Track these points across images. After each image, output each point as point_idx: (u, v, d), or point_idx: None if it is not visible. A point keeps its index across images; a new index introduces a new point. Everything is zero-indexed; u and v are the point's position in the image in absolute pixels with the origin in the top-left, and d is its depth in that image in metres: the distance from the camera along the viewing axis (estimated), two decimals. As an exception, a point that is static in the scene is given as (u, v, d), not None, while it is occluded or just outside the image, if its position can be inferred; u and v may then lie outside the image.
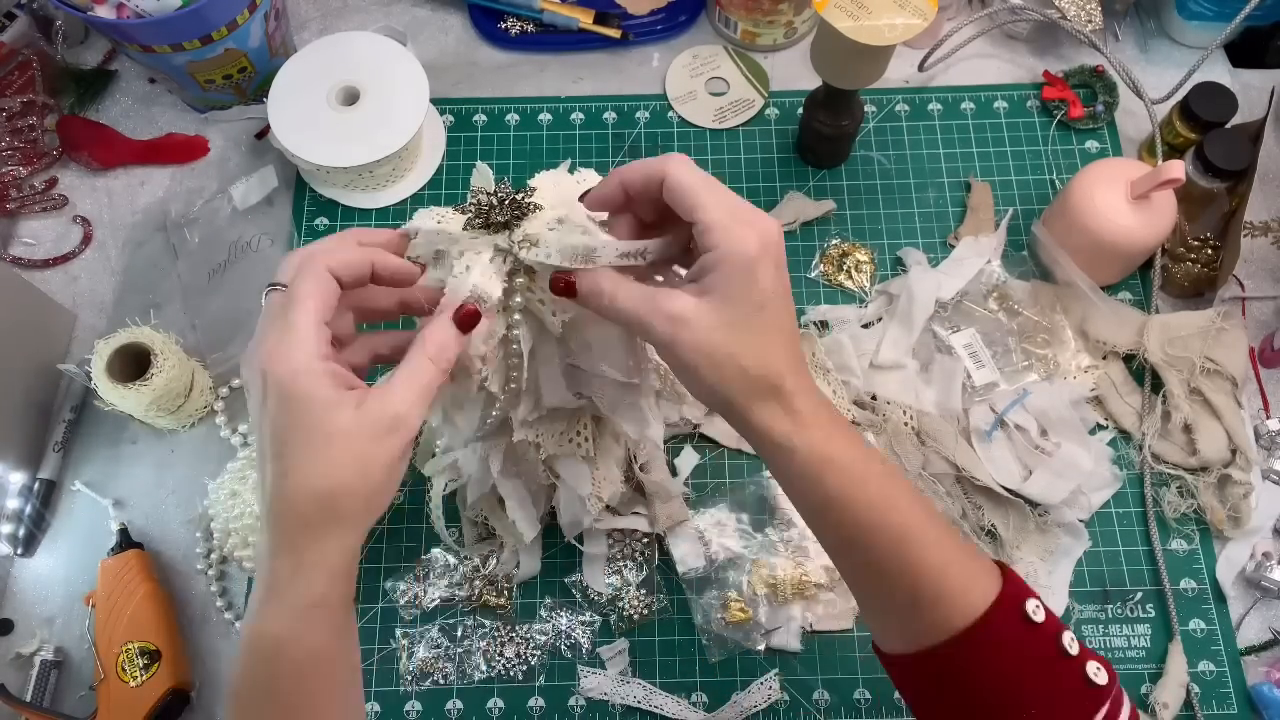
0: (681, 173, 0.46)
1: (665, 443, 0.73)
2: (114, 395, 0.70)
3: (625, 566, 0.73)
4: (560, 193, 0.52)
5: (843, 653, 0.71)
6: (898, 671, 0.50)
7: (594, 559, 0.72)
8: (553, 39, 0.92)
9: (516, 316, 0.49)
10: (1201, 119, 0.79)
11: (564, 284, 0.47)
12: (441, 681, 0.70)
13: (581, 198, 0.49)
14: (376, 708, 0.70)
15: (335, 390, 0.43)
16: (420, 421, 0.45)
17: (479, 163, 0.53)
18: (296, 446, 0.43)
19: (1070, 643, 0.47)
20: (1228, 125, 0.79)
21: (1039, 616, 0.46)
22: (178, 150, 0.88)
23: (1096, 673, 0.47)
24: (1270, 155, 0.85)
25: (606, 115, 0.89)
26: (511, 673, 0.70)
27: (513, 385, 0.52)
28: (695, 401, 0.73)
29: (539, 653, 0.71)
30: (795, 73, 0.91)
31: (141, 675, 0.67)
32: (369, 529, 0.45)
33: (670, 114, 0.89)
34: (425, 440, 0.67)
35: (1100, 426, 0.77)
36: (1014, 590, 0.47)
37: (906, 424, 0.75)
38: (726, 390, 0.46)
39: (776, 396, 0.46)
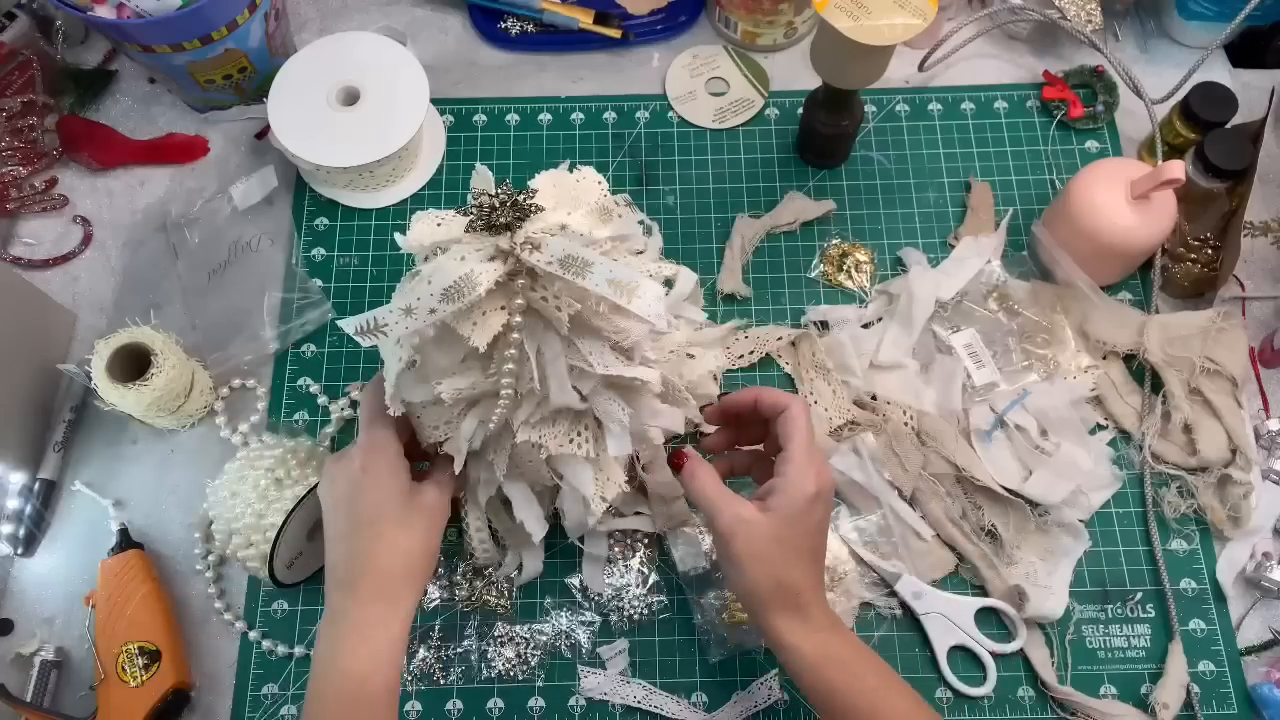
0: (800, 410, 0.60)
1: (666, 442, 0.73)
2: (114, 395, 0.70)
3: (626, 567, 0.73)
4: (559, 194, 0.52)
5: (843, 653, 0.71)
6: None
7: (594, 559, 0.72)
8: (553, 39, 0.92)
9: (518, 319, 0.49)
10: (1201, 119, 0.79)
11: (677, 463, 0.64)
12: (441, 681, 0.70)
13: (705, 408, 0.68)
14: (377, 708, 0.70)
15: (411, 482, 0.60)
16: (446, 504, 0.62)
17: (478, 164, 0.53)
18: (392, 523, 0.58)
19: None
20: (1228, 125, 0.79)
21: None
22: (178, 150, 0.88)
23: None
24: (1270, 155, 0.85)
25: (606, 115, 0.89)
26: (511, 673, 0.70)
27: (507, 385, 0.52)
28: (698, 403, 0.74)
29: (539, 653, 0.71)
30: (795, 73, 0.91)
31: (141, 675, 0.67)
32: (423, 590, 0.60)
33: (670, 114, 0.89)
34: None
35: (1100, 426, 0.77)
36: None
37: (906, 424, 0.75)
38: (759, 588, 0.58)
39: (795, 605, 0.58)
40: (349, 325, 0.49)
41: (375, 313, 0.49)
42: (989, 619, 0.71)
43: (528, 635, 0.71)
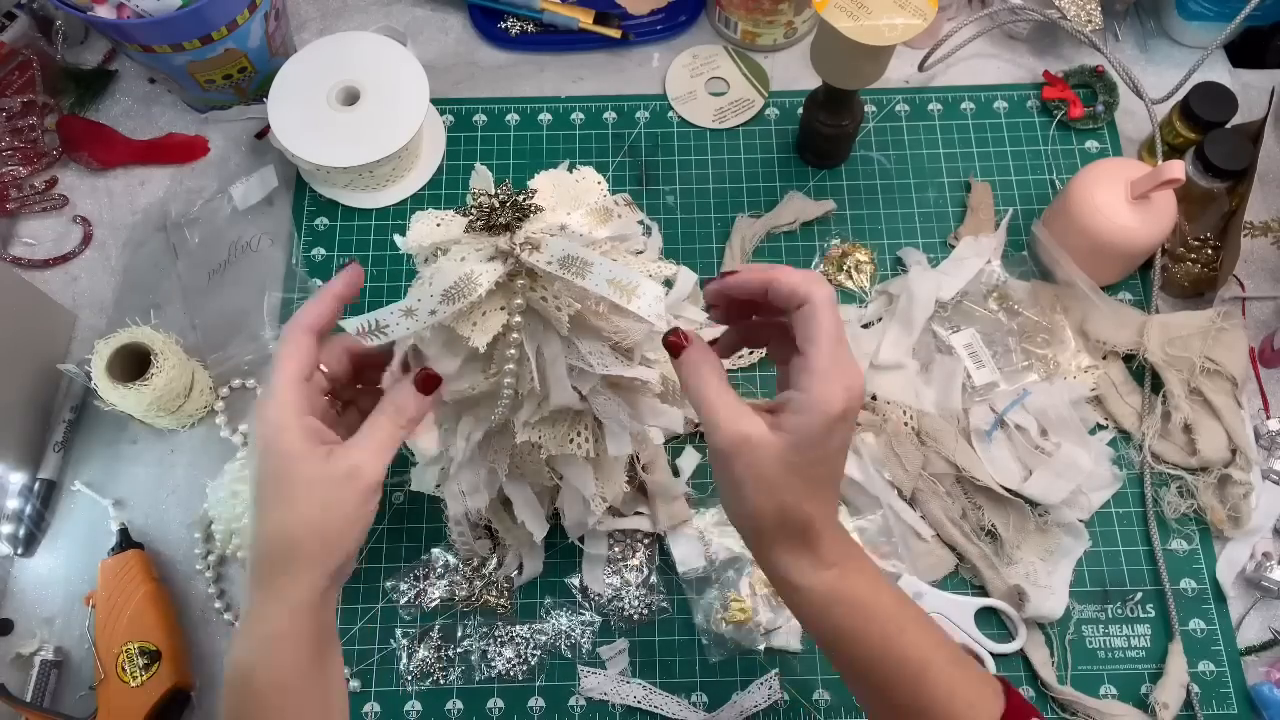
0: (824, 305, 0.48)
1: (666, 443, 0.73)
2: (114, 395, 0.70)
3: (626, 567, 0.73)
4: (559, 194, 0.52)
5: (843, 653, 0.71)
6: None
7: (594, 559, 0.72)
8: (553, 39, 0.92)
9: (518, 319, 0.49)
10: (1201, 119, 0.79)
11: (674, 343, 0.50)
12: (441, 681, 0.70)
13: (708, 282, 0.53)
14: (376, 708, 0.70)
15: (307, 444, 0.48)
16: (380, 472, 0.49)
17: (478, 164, 0.53)
18: (270, 492, 0.48)
19: None
20: (1228, 125, 0.79)
21: None
22: (178, 150, 0.88)
23: None
24: (1270, 155, 0.85)
25: (606, 115, 0.89)
26: (511, 673, 0.70)
27: (508, 385, 0.52)
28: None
29: (539, 653, 0.71)
30: (795, 73, 0.91)
31: (141, 675, 0.67)
32: (334, 569, 0.48)
33: (670, 114, 0.89)
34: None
35: (1100, 426, 0.77)
36: (1017, 710, 0.49)
37: (906, 424, 0.75)
38: (762, 519, 0.48)
39: (803, 539, 0.48)
40: (350, 325, 0.49)
41: (377, 313, 0.49)
42: (989, 619, 0.71)
43: (528, 635, 0.71)
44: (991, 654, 0.70)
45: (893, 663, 0.49)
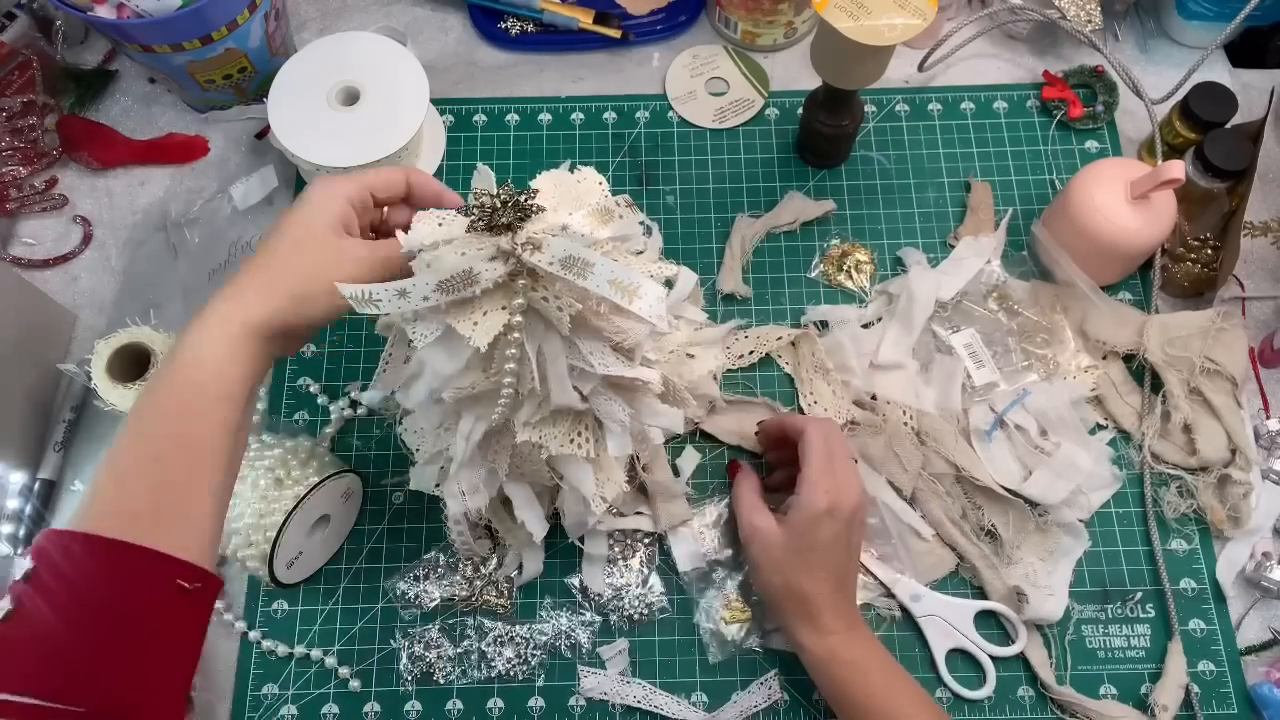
0: (813, 437, 0.65)
1: (666, 443, 0.73)
2: (114, 395, 0.70)
3: (626, 567, 0.73)
4: (560, 194, 0.52)
5: (843, 653, 0.71)
6: None
7: (594, 559, 0.72)
8: (553, 39, 0.92)
9: (518, 318, 0.49)
10: (1201, 119, 0.79)
11: (735, 469, 0.72)
12: (441, 681, 0.70)
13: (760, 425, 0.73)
14: (376, 708, 0.70)
15: (340, 223, 0.56)
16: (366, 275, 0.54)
17: (480, 164, 0.53)
18: (285, 236, 0.55)
19: None
20: (1228, 125, 0.79)
21: None
22: (178, 150, 0.88)
23: None
24: (1270, 155, 0.85)
25: (606, 115, 0.89)
26: (511, 673, 0.70)
27: (508, 385, 0.52)
28: (698, 403, 0.74)
29: (539, 653, 0.71)
30: (795, 73, 0.91)
31: (142, 675, 0.67)
32: (294, 318, 0.54)
33: (670, 114, 0.89)
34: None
35: (1100, 426, 0.77)
36: None
37: (906, 424, 0.75)
38: (772, 592, 0.64)
39: (806, 611, 0.62)
40: (345, 290, 0.50)
41: (372, 286, 0.49)
42: (989, 620, 0.71)
43: (528, 635, 0.71)
44: (991, 656, 0.70)
45: (881, 713, 0.60)
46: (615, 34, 0.90)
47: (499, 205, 0.48)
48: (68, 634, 0.45)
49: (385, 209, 0.61)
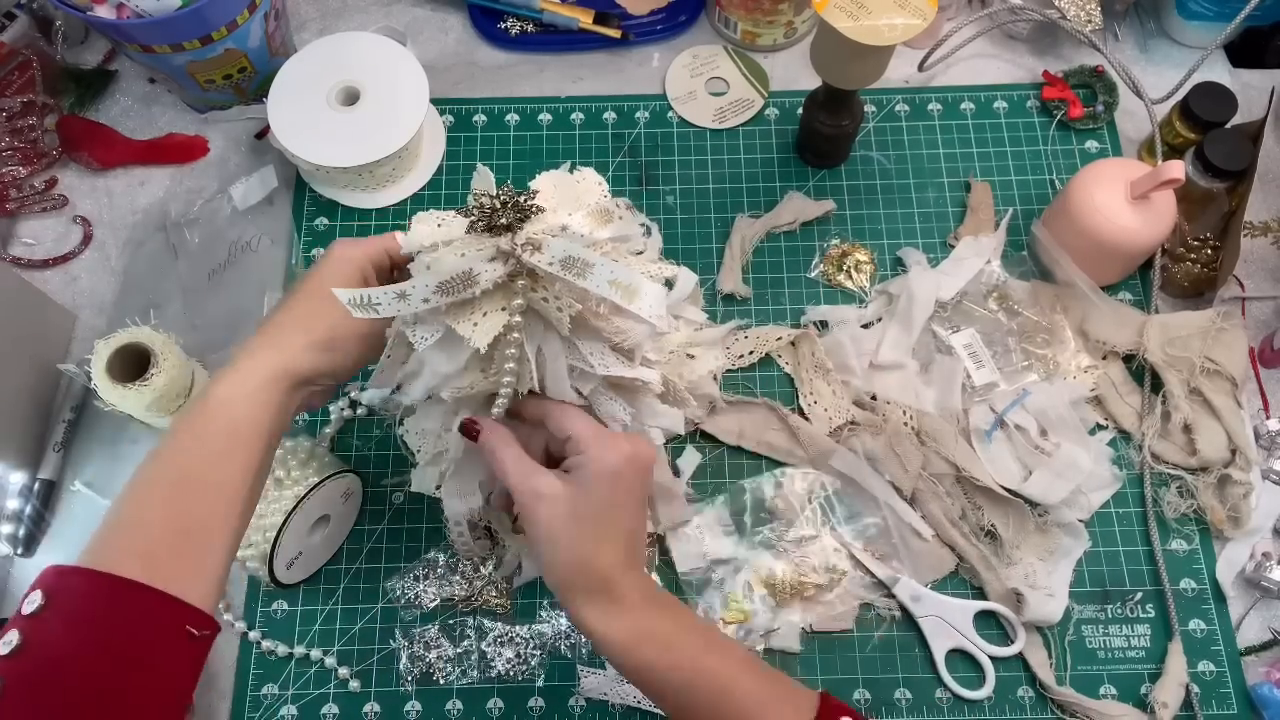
0: (557, 410, 0.54)
1: (666, 443, 0.73)
2: (114, 395, 0.70)
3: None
4: (560, 195, 0.52)
5: (843, 653, 0.71)
6: None
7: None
8: (553, 39, 0.92)
9: (518, 319, 0.49)
10: (1201, 119, 0.79)
11: (469, 429, 0.55)
12: (441, 681, 0.70)
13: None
14: (376, 708, 0.70)
15: (360, 280, 0.57)
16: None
17: (479, 165, 0.53)
18: (313, 289, 0.56)
19: None
20: (1228, 125, 0.79)
21: None
22: (178, 150, 0.88)
23: None
24: (1270, 155, 0.85)
25: (606, 115, 0.89)
26: (511, 673, 0.70)
27: (508, 383, 0.52)
28: (698, 403, 0.74)
29: (539, 653, 0.71)
30: (795, 73, 0.91)
31: (142, 675, 0.67)
32: (327, 368, 0.56)
33: (670, 114, 0.89)
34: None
35: (1100, 426, 0.77)
36: (829, 712, 0.51)
37: (906, 424, 0.75)
38: (563, 573, 0.52)
39: (603, 589, 0.52)
40: (342, 295, 0.50)
41: (371, 290, 0.49)
42: (989, 620, 0.71)
43: (528, 635, 0.71)
44: (990, 657, 0.70)
45: (699, 687, 0.51)
46: (615, 34, 0.90)
47: (498, 206, 0.48)
48: (76, 673, 0.45)
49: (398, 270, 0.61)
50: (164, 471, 0.51)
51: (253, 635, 0.71)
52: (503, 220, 0.48)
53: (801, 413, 0.77)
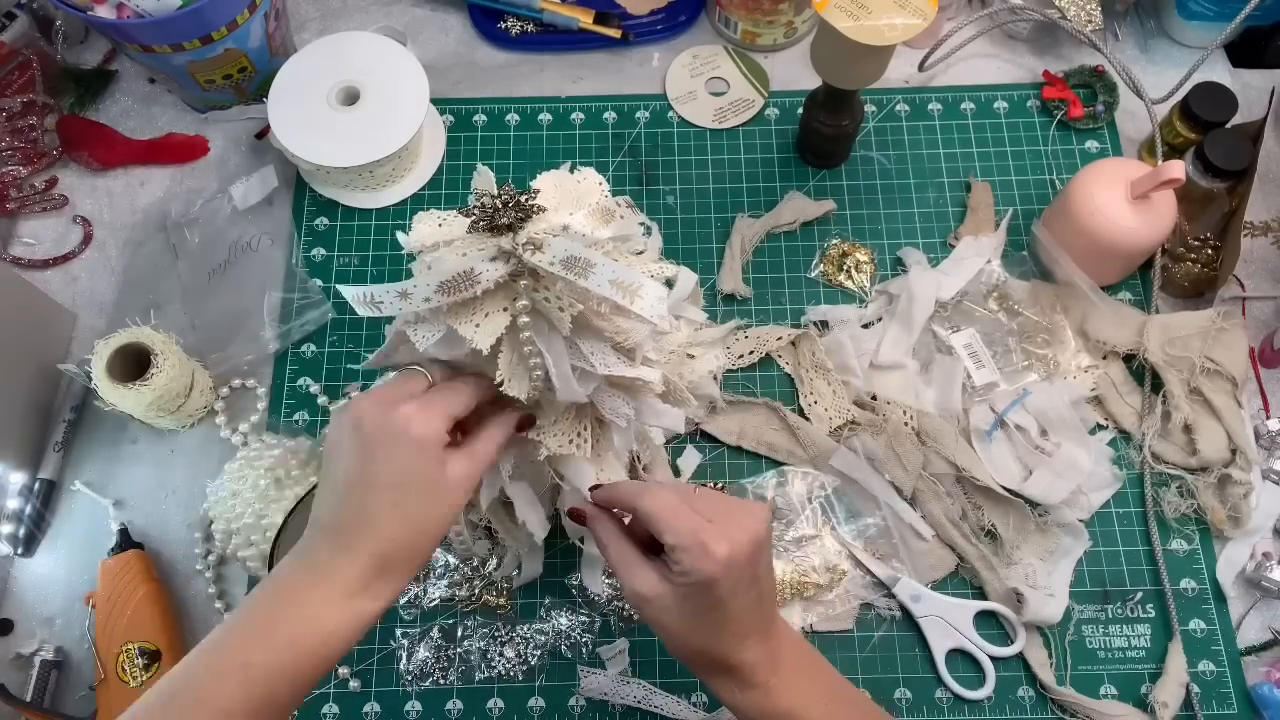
0: (649, 505, 0.51)
1: (667, 443, 0.73)
2: (114, 395, 0.70)
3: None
4: (560, 195, 0.52)
5: (843, 653, 0.71)
6: None
7: (593, 560, 0.72)
8: (553, 39, 0.92)
9: (525, 319, 0.49)
10: (1201, 119, 0.79)
11: (577, 515, 0.57)
12: (441, 681, 0.70)
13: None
14: (376, 708, 0.70)
15: (445, 458, 0.51)
16: (475, 480, 0.53)
17: (480, 165, 0.53)
18: (417, 493, 0.50)
19: None
20: (1228, 125, 0.79)
21: None
22: (178, 150, 0.88)
23: None
24: (1270, 155, 0.85)
25: (606, 115, 0.89)
26: (511, 673, 0.70)
27: (536, 386, 0.52)
28: (698, 403, 0.74)
29: (539, 653, 0.71)
30: (795, 73, 0.91)
31: (141, 675, 0.67)
32: (398, 589, 0.51)
33: (670, 114, 0.89)
34: None
35: (1100, 426, 0.77)
36: None
37: (906, 424, 0.75)
38: (680, 657, 0.53)
39: (724, 669, 0.51)
40: (348, 292, 0.50)
41: (373, 288, 0.49)
42: (989, 620, 0.71)
43: (528, 635, 0.71)
44: (990, 657, 0.70)
45: None
46: (615, 34, 0.90)
47: (499, 206, 0.48)
48: None
49: None
50: (243, 692, 0.46)
51: (253, 635, 0.71)
52: (504, 220, 0.48)
53: (801, 413, 0.77)
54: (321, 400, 0.78)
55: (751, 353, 0.79)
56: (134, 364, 0.71)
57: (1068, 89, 0.88)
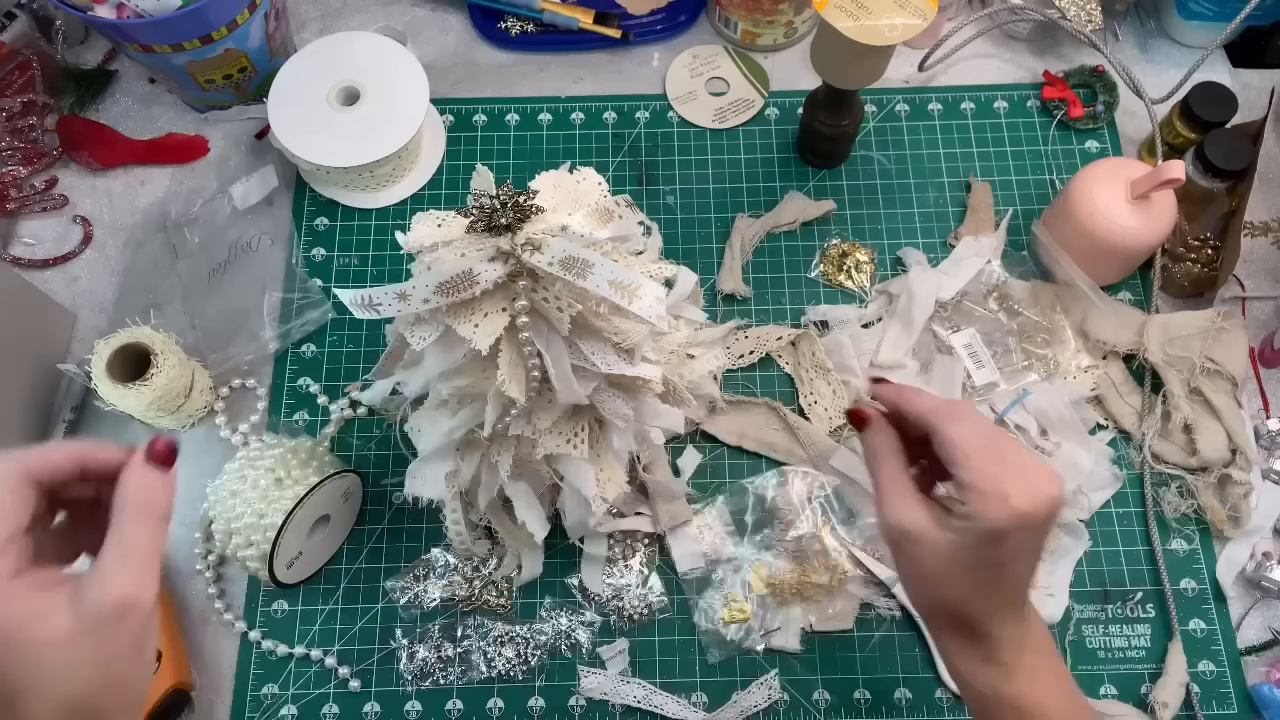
0: (955, 433, 0.45)
1: (667, 443, 0.73)
2: (114, 395, 0.70)
3: (626, 567, 0.73)
4: (559, 195, 0.52)
5: (843, 653, 0.71)
6: None
7: (593, 560, 0.72)
8: (553, 39, 0.92)
9: (524, 319, 0.49)
10: (1201, 119, 0.79)
11: (857, 417, 0.51)
12: (441, 681, 0.70)
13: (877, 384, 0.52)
14: (376, 708, 0.70)
15: (38, 601, 0.38)
16: (154, 591, 0.40)
17: (479, 165, 0.53)
18: (25, 674, 0.38)
19: None
20: (1228, 125, 0.79)
21: None
22: (178, 150, 0.88)
23: None
24: (1270, 155, 0.85)
25: (606, 115, 0.89)
26: (511, 673, 0.70)
27: (534, 386, 0.52)
28: (698, 403, 0.74)
29: (539, 653, 0.71)
30: (795, 73, 0.91)
31: (142, 675, 0.67)
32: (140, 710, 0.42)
33: (670, 114, 0.89)
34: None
35: (1100, 426, 0.77)
36: None
37: (906, 424, 0.75)
38: (922, 606, 0.50)
39: (969, 632, 0.47)
40: (345, 296, 0.50)
41: (372, 290, 0.49)
42: (989, 619, 0.71)
43: (528, 635, 0.71)
44: (991, 654, 0.70)
45: None
46: (615, 34, 0.90)
47: (498, 206, 0.48)
48: None
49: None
50: None
51: (253, 635, 0.71)
52: (503, 220, 0.48)
53: (801, 413, 0.77)
54: (321, 400, 0.78)
55: (751, 353, 0.79)
56: (134, 364, 0.71)
57: (1068, 89, 0.88)
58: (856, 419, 0.51)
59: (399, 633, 0.71)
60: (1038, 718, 0.46)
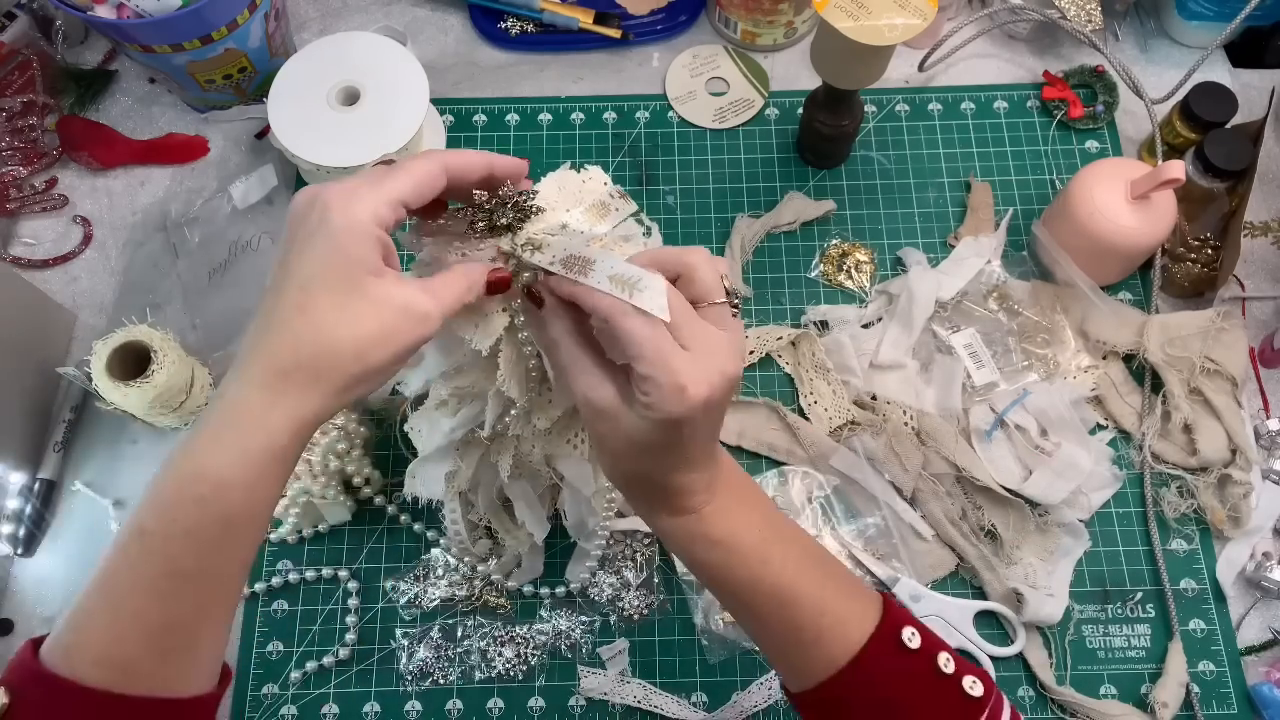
0: (627, 327, 0.43)
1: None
2: (115, 394, 0.70)
3: (626, 567, 0.73)
4: (563, 196, 0.52)
5: (843, 653, 0.71)
6: (800, 708, 0.52)
7: (580, 554, 0.72)
8: (553, 39, 0.92)
9: (522, 318, 0.49)
10: (1201, 119, 0.79)
11: (535, 297, 0.48)
12: (441, 681, 0.70)
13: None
14: (376, 708, 0.70)
15: (379, 259, 0.43)
16: (435, 328, 0.44)
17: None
18: (328, 293, 0.42)
19: (946, 662, 0.49)
20: (1228, 125, 0.79)
21: (914, 643, 0.49)
22: (178, 150, 0.88)
23: (972, 686, 0.49)
24: (1270, 155, 0.85)
25: (606, 115, 0.89)
26: (511, 673, 0.70)
27: (534, 386, 0.52)
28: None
29: (539, 653, 0.71)
30: (795, 73, 0.91)
31: (142, 675, 0.67)
32: (355, 396, 0.44)
33: (670, 114, 0.89)
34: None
35: (1100, 426, 0.77)
36: (891, 621, 0.49)
37: (906, 424, 0.75)
38: (614, 477, 0.50)
39: (665, 500, 0.49)
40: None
41: None
42: (988, 620, 0.71)
43: (528, 635, 0.71)
44: (990, 657, 0.70)
45: (759, 592, 0.49)
46: (615, 34, 0.90)
47: (498, 206, 0.48)
48: None
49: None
50: (144, 560, 0.42)
51: (253, 635, 0.71)
52: (503, 220, 0.48)
53: (801, 413, 0.77)
54: (321, 400, 0.78)
55: (751, 353, 0.79)
56: (133, 363, 0.71)
57: (1068, 89, 0.88)
58: (532, 298, 0.49)
59: (399, 633, 0.71)
60: (730, 546, 0.49)
